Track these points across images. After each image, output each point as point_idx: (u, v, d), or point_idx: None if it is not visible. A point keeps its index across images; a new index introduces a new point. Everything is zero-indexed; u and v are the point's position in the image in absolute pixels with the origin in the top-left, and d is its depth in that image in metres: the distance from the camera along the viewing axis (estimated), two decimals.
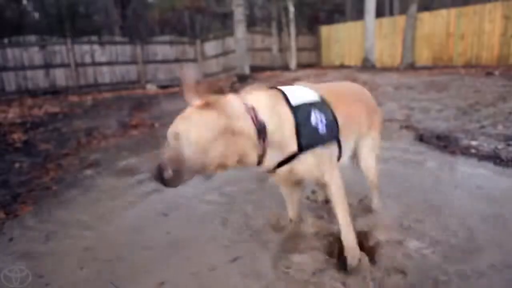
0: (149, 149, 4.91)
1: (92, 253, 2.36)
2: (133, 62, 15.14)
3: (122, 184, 3.59)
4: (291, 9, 15.23)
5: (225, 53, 16.88)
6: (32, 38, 13.38)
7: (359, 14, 19.58)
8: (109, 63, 14.53)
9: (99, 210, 3.01)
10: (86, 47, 14.09)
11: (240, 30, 12.48)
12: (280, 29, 18.36)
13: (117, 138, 5.75)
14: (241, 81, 12.46)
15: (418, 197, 2.82)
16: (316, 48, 19.66)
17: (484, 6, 13.08)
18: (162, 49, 15.93)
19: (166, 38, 16.76)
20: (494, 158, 3.66)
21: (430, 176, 3.33)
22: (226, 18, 19.83)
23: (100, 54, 14.36)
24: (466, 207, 2.63)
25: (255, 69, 15.16)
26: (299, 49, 17.98)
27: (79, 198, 3.32)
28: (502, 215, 2.47)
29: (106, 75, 14.41)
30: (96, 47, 14.28)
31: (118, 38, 16.12)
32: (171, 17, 23.04)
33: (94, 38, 14.59)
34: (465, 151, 3.96)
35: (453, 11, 14.04)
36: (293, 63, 16.84)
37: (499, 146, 4.03)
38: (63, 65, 13.62)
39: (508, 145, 4.06)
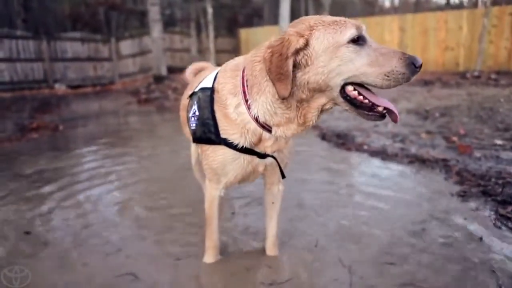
0: (49, 152, 4.59)
1: None
2: (39, 59, 13.86)
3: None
4: (210, 10, 15.26)
5: (142, 52, 16.31)
6: None
7: (276, 19, 20.27)
8: (8, 60, 13.10)
9: None
10: None
11: (156, 29, 12.18)
12: (199, 30, 18.28)
13: (13, 143, 5.25)
14: (157, 82, 12.17)
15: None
16: (236, 50, 19.94)
17: (384, 18, 14.47)
18: (72, 46, 14.81)
19: (77, 34, 15.61)
20: (382, 153, 4.11)
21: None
22: (144, 17, 19.11)
23: None
24: None
25: (173, 69, 14.90)
26: (219, 51, 18.06)
27: None
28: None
29: (4, 72, 12.93)
30: None
31: (20, 32, 14.59)
32: (84, 13, 21.52)
33: None
34: (359, 148, 4.38)
35: (360, 20, 15.28)
36: None
37: (387, 143, 4.53)
38: None
39: (394, 141, 4.58)
